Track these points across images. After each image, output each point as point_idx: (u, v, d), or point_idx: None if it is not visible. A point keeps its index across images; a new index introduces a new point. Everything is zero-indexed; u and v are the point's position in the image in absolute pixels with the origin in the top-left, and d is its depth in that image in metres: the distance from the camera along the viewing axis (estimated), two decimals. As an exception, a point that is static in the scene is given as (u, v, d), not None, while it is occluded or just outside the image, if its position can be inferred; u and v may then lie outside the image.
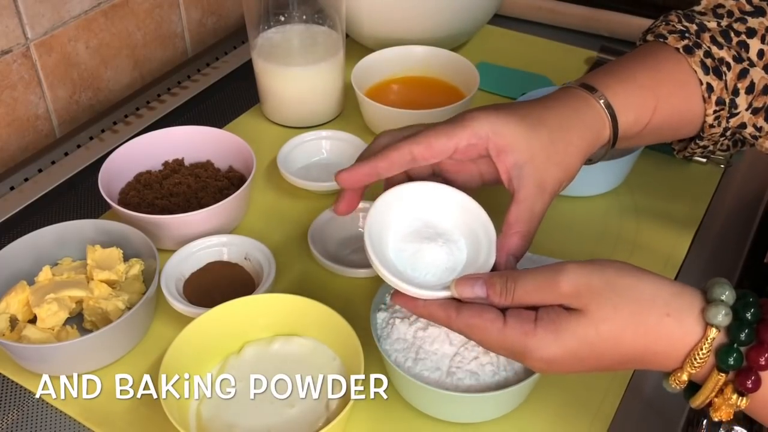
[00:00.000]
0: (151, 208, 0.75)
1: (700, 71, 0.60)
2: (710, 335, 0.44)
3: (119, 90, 1.00)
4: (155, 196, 0.76)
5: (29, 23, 0.86)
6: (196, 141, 0.81)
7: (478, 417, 0.59)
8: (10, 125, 0.88)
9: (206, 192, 0.76)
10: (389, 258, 0.56)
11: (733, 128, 0.62)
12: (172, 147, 0.81)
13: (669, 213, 0.79)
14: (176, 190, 0.76)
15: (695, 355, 0.45)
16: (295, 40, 0.90)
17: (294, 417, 0.57)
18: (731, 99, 0.60)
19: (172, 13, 1.04)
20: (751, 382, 0.44)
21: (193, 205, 0.74)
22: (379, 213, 0.56)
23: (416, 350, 0.57)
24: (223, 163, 0.81)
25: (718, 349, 0.45)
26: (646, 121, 0.59)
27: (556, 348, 0.47)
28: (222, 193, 0.75)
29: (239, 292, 0.64)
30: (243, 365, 0.61)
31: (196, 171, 0.79)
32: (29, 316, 0.65)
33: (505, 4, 1.10)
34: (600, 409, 0.60)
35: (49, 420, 0.61)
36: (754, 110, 0.61)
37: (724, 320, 0.44)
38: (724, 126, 0.61)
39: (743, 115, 0.61)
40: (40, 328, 0.63)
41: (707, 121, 0.61)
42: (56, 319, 0.64)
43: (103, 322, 0.65)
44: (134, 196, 0.76)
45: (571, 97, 0.57)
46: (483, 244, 0.55)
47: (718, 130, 0.62)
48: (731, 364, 0.44)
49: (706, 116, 0.61)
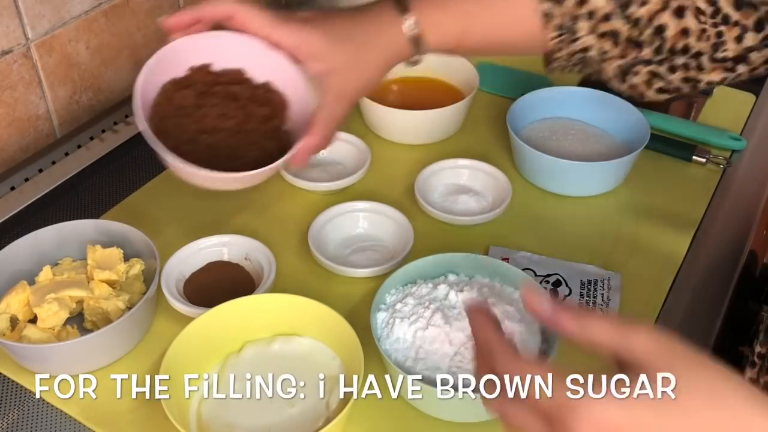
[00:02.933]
0: (192, 146, 0.59)
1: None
2: None
3: (120, 90, 1.00)
4: (198, 129, 0.60)
5: (30, 23, 0.86)
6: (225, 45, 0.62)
7: (478, 417, 0.59)
8: (11, 125, 0.88)
9: (248, 137, 0.61)
10: None
11: (578, 51, 0.63)
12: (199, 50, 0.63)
13: (669, 213, 0.79)
14: (219, 125, 0.61)
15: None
16: (295, 40, 0.89)
17: (294, 416, 0.57)
18: (569, 26, 0.61)
19: (173, 13, 1.03)
20: None
21: (233, 161, 0.58)
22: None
23: (416, 350, 0.57)
24: (258, 74, 0.63)
25: None
26: (452, 43, 0.63)
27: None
28: (267, 138, 0.61)
29: (239, 292, 0.64)
30: (243, 365, 0.61)
31: (232, 89, 0.62)
32: (30, 316, 0.65)
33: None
34: (600, 409, 0.60)
35: (49, 420, 0.61)
36: (600, 35, 0.61)
37: None
38: (568, 50, 0.63)
39: (585, 40, 0.62)
40: (40, 327, 0.64)
41: (549, 45, 0.62)
42: (57, 318, 0.64)
43: (103, 322, 0.65)
44: (173, 125, 0.60)
45: (380, 15, 0.61)
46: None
47: (564, 53, 0.63)
48: None
49: (548, 41, 0.62)
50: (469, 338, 0.57)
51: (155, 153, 0.56)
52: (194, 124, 0.60)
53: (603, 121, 0.86)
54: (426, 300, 0.61)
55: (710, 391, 0.38)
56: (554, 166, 0.79)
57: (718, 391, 0.38)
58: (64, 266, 0.69)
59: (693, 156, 0.84)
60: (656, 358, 0.40)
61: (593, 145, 0.84)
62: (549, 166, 0.79)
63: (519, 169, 0.83)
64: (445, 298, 0.61)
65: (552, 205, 0.80)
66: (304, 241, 0.73)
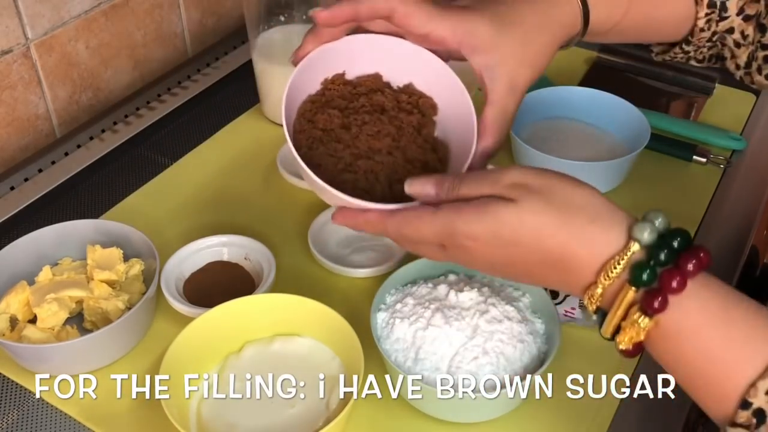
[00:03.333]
0: (350, 174, 0.55)
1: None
2: (631, 248, 0.44)
3: (119, 90, 1.00)
4: (353, 154, 0.55)
5: (29, 23, 0.86)
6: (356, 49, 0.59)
7: (478, 417, 0.59)
8: (10, 125, 0.88)
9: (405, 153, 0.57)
10: None
11: (721, 32, 0.63)
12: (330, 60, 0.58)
13: (669, 213, 0.78)
14: (374, 145, 0.56)
15: (611, 266, 0.44)
16: (295, 40, 0.89)
17: (294, 417, 0.57)
18: (722, 2, 0.61)
19: (172, 13, 1.04)
20: (658, 302, 0.43)
21: (397, 184, 0.54)
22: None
23: (416, 350, 0.57)
24: (396, 75, 0.59)
25: (634, 264, 0.44)
26: (616, 20, 0.61)
27: (480, 225, 0.47)
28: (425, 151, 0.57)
29: (239, 292, 0.64)
30: (243, 365, 0.61)
31: (376, 99, 0.58)
32: (29, 316, 0.65)
33: (505, 4, 1.10)
34: (599, 410, 0.60)
35: (49, 420, 0.61)
36: (745, 17, 0.62)
37: (647, 238, 0.44)
38: (713, 30, 0.62)
39: (733, 20, 0.62)
40: (40, 328, 0.63)
41: (698, 24, 0.62)
42: (56, 319, 0.64)
43: (103, 322, 0.65)
44: (325, 153, 0.55)
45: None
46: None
47: (707, 34, 0.63)
48: (643, 280, 0.44)
49: (698, 19, 0.62)
50: (469, 338, 0.57)
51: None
52: (347, 149, 0.56)
53: (603, 121, 0.86)
54: (426, 300, 0.61)
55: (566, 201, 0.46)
56: (554, 166, 0.78)
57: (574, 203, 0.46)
58: (64, 266, 0.69)
59: (693, 156, 0.84)
60: (511, 192, 0.47)
61: (593, 145, 0.84)
62: (549, 166, 0.78)
63: (519, 169, 0.83)
64: (445, 298, 0.61)
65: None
66: (304, 241, 0.73)
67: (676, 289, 0.43)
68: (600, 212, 0.46)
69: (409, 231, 0.50)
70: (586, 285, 0.46)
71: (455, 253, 0.49)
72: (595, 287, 0.45)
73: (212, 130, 0.91)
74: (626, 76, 1.00)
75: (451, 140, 0.58)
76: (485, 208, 0.47)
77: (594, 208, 0.46)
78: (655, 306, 0.43)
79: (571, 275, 0.47)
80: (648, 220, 0.45)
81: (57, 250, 0.70)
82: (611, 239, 0.45)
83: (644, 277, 0.44)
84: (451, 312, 0.59)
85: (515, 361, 0.57)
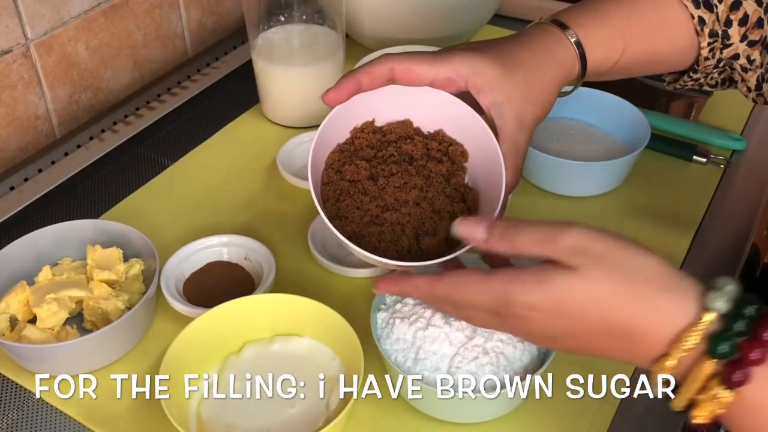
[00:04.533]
0: (376, 227, 0.55)
1: (690, 5, 0.61)
2: (706, 317, 0.42)
3: (119, 90, 1.00)
4: (379, 207, 0.56)
5: (29, 23, 0.86)
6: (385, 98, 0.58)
7: (478, 417, 0.59)
8: (10, 125, 0.88)
9: (433, 204, 0.57)
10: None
11: (726, 59, 0.63)
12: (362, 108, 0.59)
13: (669, 213, 0.79)
14: (401, 197, 0.56)
15: (686, 337, 0.43)
16: (295, 40, 0.90)
17: (294, 417, 0.57)
18: (724, 30, 0.61)
19: (172, 13, 1.04)
20: (740, 375, 0.42)
21: (425, 237, 0.56)
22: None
23: (416, 350, 0.57)
24: (426, 122, 0.59)
25: (710, 336, 0.42)
26: (614, 59, 0.61)
27: (540, 294, 0.45)
28: (453, 200, 0.57)
29: (239, 292, 0.64)
30: (243, 365, 0.61)
31: (405, 148, 0.58)
32: (29, 316, 0.65)
33: (505, 4, 1.10)
34: (600, 410, 0.60)
35: (49, 420, 0.61)
36: (750, 42, 0.62)
37: (723, 306, 0.42)
38: (717, 57, 0.62)
39: (737, 47, 0.62)
40: (40, 328, 0.63)
41: (702, 53, 0.62)
42: (56, 319, 0.64)
43: (103, 322, 0.65)
44: (351, 206, 0.56)
45: (545, 35, 0.59)
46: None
47: (712, 62, 0.63)
48: (723, 351, 0.42)
49: (701, 49, 0.62)
50: (469, 338, 0.57)
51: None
52: (374, 201, 0.56)
53: (603, 121, 0.86)
54: (426, 300, 0.61)
55: (629, 272, 0.44)
56: (554, 166, 0.79)
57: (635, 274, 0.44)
58: (64, 266, 0.69)
59: (693, 156, 0.84)
60: (573, 259, 0.45)
61: (593, 145, 0.84)
62: (549, 166, 0.79)
63: (519, 169, 0.83)
64: (445, 298, 0.60)
65: (552, 205, 0.80)
66: (304, 241, 0.73)
67: (758, 361, 0.42)
68: (668, 280, 0.44)
69: (459, 295, 0.48)
70: (656, 356, 0.44)
71: (512, 322, 0.47)
72: (667, 358, 0.43)
73: (212, 130, 0.91)
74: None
75: (479, 185, 0.58)
76: (544, 277, 0.45)
77: (661, 276, 0.44)
78: (736, 379, 0.42)
79: (640, 346, 0.45)
80: (719, 289, 0.43)
81: (57, 250, 0.70)
82: (683, 310, 0.43)
83: (724, 348, 0.42)
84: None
85: (515, 361, 0.57)
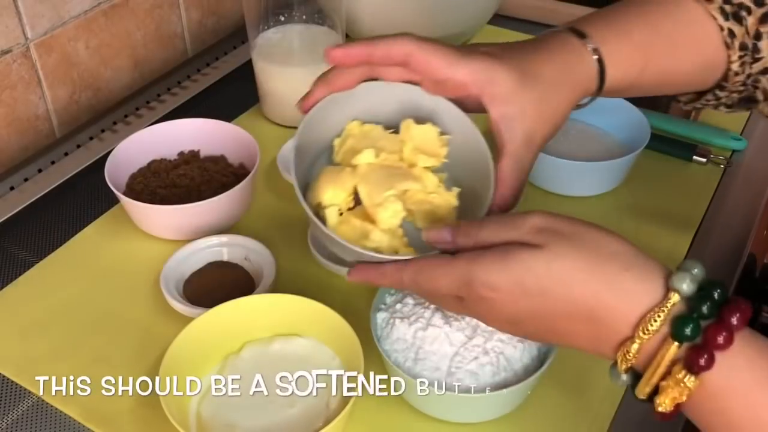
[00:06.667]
0: (152, 196, 0.75)
1: (720, 17, 0.58)
2: (671, 299, 0.41)
3: (119, 90, 1.00)
4: (159, 185, 0.77)
5: (29, 23, 0.86)
6: (211, 134, 0.81)
7: (478, 417, 0.59)
8: (10, 125, 0.87)
9: (209, 186, 0.76)
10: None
11: (756, 74, 0.60)
12: (190, 138, 0.82)
13: (669, 213, 0.79)
14: (180, 182, 0.77)
15: (651, 319, 0.41)
16: (295, 40, 0.90)
17: (294, 416, 0.57)
18: (753, 44, 0.58)
19: (172, 13, 1.04)
20: (705, 360, 0.40)
21: (193, 198, 0.74)
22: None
23: (416, 350, 0.57)
24: (235, 159, 0.81)
25: (675, 318, 0.41)
26: (633, 78, 0.58)
27: (502, 274, 0.44)
28: (224, 189, 0.74)
29: (239, 292, 0.64)
30: (243, 365, 0.61)
31: (206, 164, 0.79)
32: (349, 206, 0.56)
33: (505, 4, 1.10)
34: (600, 410, 0.60)
35: (49, 420, 0.61)
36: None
37: (688, 288, 0.41)
38: (747, 72, 0.59)
39: (767, 60, 0.59)
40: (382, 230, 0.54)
41: (732, 68, 0.59)
42: (396, 220, 0.54)
43: (431, 221, 0.55)
44: (140, 182, 0.77)
45: (565, 48, 0.56)
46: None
47: (742, 77, 0.60)
48: (687, 335, 0.41)
49: (731, 63, 0.59)
50: (469, 338, 0.57)
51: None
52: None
53: (603, 121, 0.86)
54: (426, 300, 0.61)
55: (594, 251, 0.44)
56: (554, 166, 0.79)
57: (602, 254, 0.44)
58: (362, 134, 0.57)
59: (693, 156, 0.84)
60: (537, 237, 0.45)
61: (593, 145, 0.84)
62: (549, 166, 0.79)
63: (519, 169, 0.83)
64: (445, 298, 0.60)
65: (552, 205, 0.80)
66: (304, 241, 0.73)
67: (723, 345, 0.40)
68: (633, 261, 0.43)
69: (424, 281, 0.48)
70: (621, 340, 0.43)
71: (473, 305, 0.47)
72: (631, 343, 0.42)
73: (212, 130, 0.91)
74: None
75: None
76: (507, 254, 0.44)
77: (626, 256, 0.44)
78: (701, 363, 0.40)
79: (604, 329, 0.43)
80: (686, 270, 0.42)
81: None
82: (648, 289, 0.42)
83: (688, 331, 0.41)
84: (451, 312, 0.59)
85: (515, 361, 0.57)
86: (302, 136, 0.54)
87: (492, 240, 0.46)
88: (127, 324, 0.68)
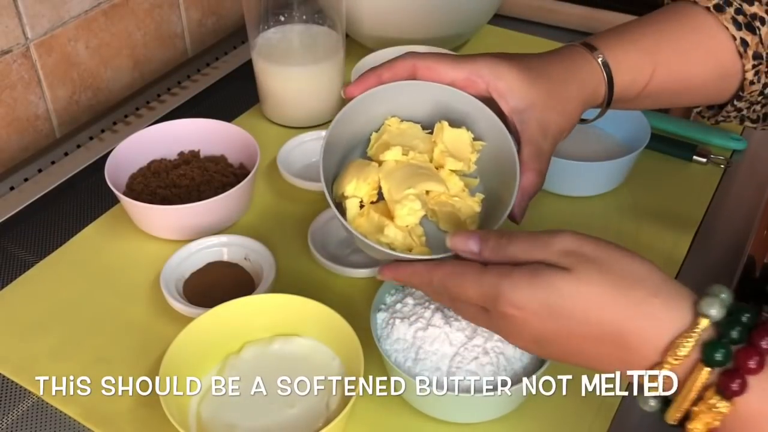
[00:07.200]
0: (152, 197, 0.75)
1: (732, 27, 0.59)
2: (701, 324, 0.41)
3: (119, 90, 1.00)
4: (159, 185, 0.77)
5: (29, 23, 0.86)
6: (211, 134, 0.81)
7: (478, 417, 0.59)
8: (10, 125, 0.87)
9: (209, 186, 0.76)
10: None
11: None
12: (190, 138, 0.82)
13: (669, 213, 0.79)
14: (180, 182, 0.77)
15: (681, 345, 0.41)
16: (295, 40, 0.90)
17: (294, 417, 0.57)
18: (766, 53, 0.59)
19: (172, 13, 1.04)
20: (738, 384, 0.40)
21: (193, 198, 0.75)
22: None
23: (416, 350, 0.57)
24: (236, 159, 0.81)
25: (705, 343, 0.41)
26: (643, 83, 0.59)
27: (529, 293, 0.44)
28: (224, 189, 0.75)
29: (239, 292, 0.64)
30: (243, 365, 0.61)
31: (206, 164, 0.79)
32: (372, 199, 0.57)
33: (505, 4, 1.10)
34: (600, 410, 0.60)
35: (49, 420, 0.61)
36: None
37: (717, 313, 0.41)
38: (763, 82, 0.60)
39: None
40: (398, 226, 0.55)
41: (747, 77, 0.59)
42: (414, 218, 0.55)
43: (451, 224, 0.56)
44: (140, 182, 0.77)
45: (572, 53, 0.59)
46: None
47: (758, 86, 0.60)
48: (719, 360, 0.41)
49: (745, 72, 0.59)
50: (469, 338, 0.57)
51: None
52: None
53: (603, 121, 0.85)
54: (426, 300, 0.60)
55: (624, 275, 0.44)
56: (555, 166, 0.78)
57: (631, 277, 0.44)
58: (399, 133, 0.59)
59: (693, 156, 0.84)
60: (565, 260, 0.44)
61: (593, 145, 0.84)
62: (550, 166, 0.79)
63: (519, 169, 0.83)
64: (445, 298, 0.60)
65: (552, 205, 0.80)
66: (304, 241, 0.73)
67: (755, 369, 0.40)
68: (661, 286, 0.43)
69: (453, 285, 0.48)
70: (649, 366, 0.43)
71: (498, 321, 0.47)
72: (660, 368, 0.42)
73: (212, 130, 0.91)
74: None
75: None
76: (536, 274, 0.44)
77: (654, 282, 0.44)
78: (734, 388, 0.40)
79: (632, 354, 0.43)
80: (714, 295, 0.42)
81: None
82: (676, 315, 0.42)
83: (719, 356, 0.41)
84: (451, 312, 0.59)
85: (515, 361, 0.57)
86: (336, 128, 0.55)
87: (519, 258, 0.47)
88: (127, 324, 0.68)
